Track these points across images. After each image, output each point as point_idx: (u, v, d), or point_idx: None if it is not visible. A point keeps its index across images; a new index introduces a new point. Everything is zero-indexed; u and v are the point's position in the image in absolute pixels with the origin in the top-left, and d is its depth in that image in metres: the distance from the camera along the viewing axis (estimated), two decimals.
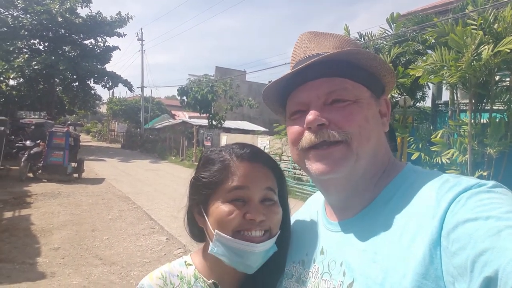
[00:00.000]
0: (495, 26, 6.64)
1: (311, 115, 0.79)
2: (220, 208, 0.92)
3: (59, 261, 5.46)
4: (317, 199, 1.04)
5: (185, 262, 1.04)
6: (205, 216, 0.96)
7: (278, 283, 0.97)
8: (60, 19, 25.37)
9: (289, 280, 0.93)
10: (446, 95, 10.58)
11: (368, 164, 0.81)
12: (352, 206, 0.84)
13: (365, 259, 0.75)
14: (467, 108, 7.77)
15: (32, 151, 12.49)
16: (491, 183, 0.68)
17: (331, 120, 0.79)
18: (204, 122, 23.54)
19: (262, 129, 24.90)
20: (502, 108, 7.50)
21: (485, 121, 7.80)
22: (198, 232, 1.04)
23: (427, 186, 0.74)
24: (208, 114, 22.57)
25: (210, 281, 0.98)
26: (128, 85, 30.26)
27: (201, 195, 0.97)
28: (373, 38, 10.61)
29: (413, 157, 9.03)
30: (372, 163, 0.82)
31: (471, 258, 0.57)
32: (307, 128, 0.81)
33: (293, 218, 1.08)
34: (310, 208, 1.06)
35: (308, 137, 0.81)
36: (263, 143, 16.52)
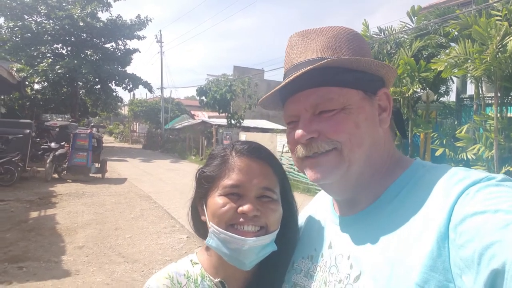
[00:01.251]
0: None
1: (299, 131, 0.80)
2: (215, 200, 0.93)
3: (83, 259, 5.58)
4: (325, 194, 1.04)
5: (191, 260, 1.03)
6: (205, 210, 0.97)
7: (286, 278, 0.96)
8: (81, 24, 25.99)
9: (298, 275, 0.93)
10: (471, 89, 10.30)
11: (362, 168, 0.81)
12: (359, 202, 0.84)
13: (372, 252, 0.75)
14: (493, 102, 7.53)
15: (57, 153, 12.84)
16: (500, 176, 0.68)
17: (320, 131, 0.79)
18: (223, 121, 23.67)
19: (281, 127, 24.83)
20: None
21: (511, 115, 7.54)
22: (201, 228, 1.04)
23: (436, 180, 0.74)
24: (227, 114, 22.68)
25: (217, 280, 0.97)
26: (148, 86, 30.73)
27: (202, 188, 0.98)
28: (394, 32, 10.42)
29: (437, 153, 8.83)
30: (367, 164, 0.82)
31: (478, 250, 0.57)
32: (298, 142, 0.83)
33: (301, 214, 1.08)
34: (318, 204, 1.07)
35: (300, 151, 0.83)
36: (281, 141, 16.46)
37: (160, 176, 15.21)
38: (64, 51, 28.72)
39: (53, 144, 14.09)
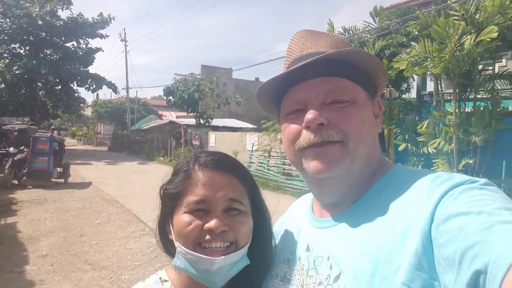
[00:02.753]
0: (477, 16, 6.73)
1: (310, 114, 0.78)
2: (181, 218, 0.88)
3: (47, 268, 5.36)
4: (303, 200, 1.05)
5: (160, 278, 0.98)
6: (172, 229, 0.92)
7: (263, 285, 0.95)
8: (40, 22, 24.94)
9: (274, 280, 0.91)
10: (430, 86, 10.71)
11: (363, 166, 0.82)
12: (342, 204, 0.84)
13: (353, 251, 0.74)
14: (451, 98, 7.86)
15: (16, 158, 12.25)
16: (483, 180, 0.69)
17: (329, 120, 0.79)
18: (192, 121, 23.41)
19: (250, 126, 24.88)
20: (486, 96, 7.62)
21: (469, 110, 7.91)
22: (170, 247, 0.99)
23: (419, 181, 0.75)
24: (195, 113, 22.45)
25: None
26: (112, 86, 29.91)
27: (166, 207, 0.93)
28: (357, 32, 10.66)
29: (400, 148, 9.12)
30: (366, 165, 0.83)
31: (460, 250, 0.57)
32: (306, 127, 0.80)
33: (279, 222, 1.07)
34: (295, 209, 1.06)
35: (307, 137, 0.80)
36: (251, 140, 16.50)
37: (127, 179, 14.85)
38: (22, 51, 27.44)
39: (11, 149, 13.41)
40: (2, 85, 26.20)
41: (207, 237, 0.85)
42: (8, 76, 24.19)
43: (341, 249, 0.77)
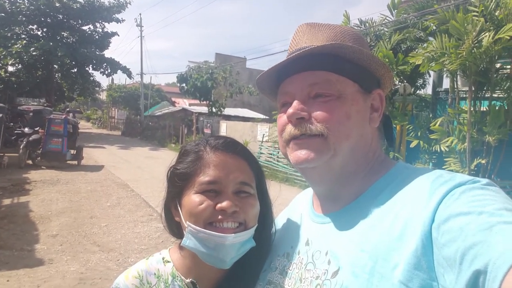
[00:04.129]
0: (496, 13, 6.56)
1: (291, 109, 0.81)
2: (192, 198, 0.90)
3: (57, 248, 5.50)
4: (305, 195, 1.05)
5: (163, 258, 1.01)
6: (179, 209, 0.94)
7: (261, 277, 0.95)
8: (57, 5, 25.13)
9: (273, 273, 0.92)
10: (446, 83, 10.52)
11: (346, 160, 0.81)
12: (340, 199, 0.84)
13: (352, 248, 0.74)
14: (467, 95, 7.71)
15: (30, 138, 12.49)
16: (485, 180, 0.69)
17: (311, 114, 0.80)
18: (204, 109, 23.49)
19: (262, 116, 24.84)
20: (502, 96, 7.46)
21: (484, 109, 7.76)
22: (175, 227, 1.01)
23: (420, 180, 0.74)
24: (208, 102, 22.50)
25: (188, 280, 0.94)
26: (127, 71, 30.10)
27: (176, 187, 0.95)
28: (374, 24, 10.49)
29: (412, 145, 9.02)
30: (351, 158, 0.82)
31: (461, 250, 0.57)
32: (288, 121, 0.83)
33: (281, 215, 1.08)
34: (297, 204, 1.06)
35: (289, 129, 0.83)
36: (262, 130, 16.49)
37: (139, 164, 15.04)
38: (39, 33, 27.78)
39: (27, 129, 13.67)
40: (19, 66, 26.59)
41: (219, 217, 0.87)
42: (25, 57, 24.51)
43: (340, 245, 0.78)
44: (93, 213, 7.46)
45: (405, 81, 9.70)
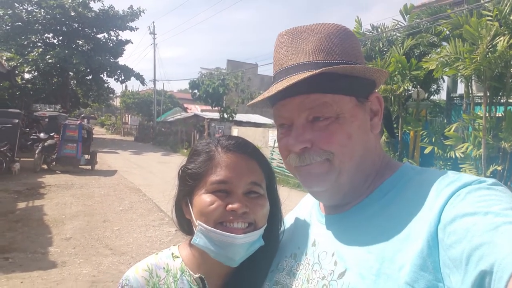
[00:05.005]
0: (511, 17, 6.46)
1: (292, 141, 0.79)
2: (202, 198, 0.91)
3: (70, 250, 5.55)
4: (312, 196, 1.04)
5: (172, 254, 1.02)
6: (190, 208, 0.95)
7: (269, 277, 0.95)
8: (73, 13, 25.66)
9: (280, 274, 0.92)
10: (461, 88, 10.39)
11: (352, 176, 0.80)
12: (346, 204, 0.84)
13: (359, 249, 0.74)
14: (482, 101, 7.60)
15: (46, 143, 12.72)
16: (491, 180, 0.68)
17: (313, 141, 0.78)
18: (216, 115, 23.61)
19: (273, 122, 24.81)
20: None
21: (500, 115, 7.63)
22: (186, 225, 1.03)
23: (426, 181, 0.74)
24: (219, 107, 22.62)
25: (197, 276, 0.95)
26: (140, 78, 30.49)
27: (187, 186, 0.96)
28: (386, 29, 10.45)
29: (426, 151, 8.90)
30: (358, 172, 0.81)
31: (467, 251, 0.57)
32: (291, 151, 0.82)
33: (289, 216, 1.08)
34: (304, 204, 1.06)
35: (293, 159, 0.82)
36: (274, 136, 16.47)
37: (151, 169, 15.15)
38: (55, 41, 28.37)
39: (42, 135, 13.93)
40: (36, 73, 27.14)
41: (230, 217, 0.88)
42: (41, 64, 25.04)
43: (346, 246, 0.78)
44: (106, 217, 7.53)
45: (418, 87, 9.61)
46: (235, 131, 20.94)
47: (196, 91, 23.33)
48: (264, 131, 18.09)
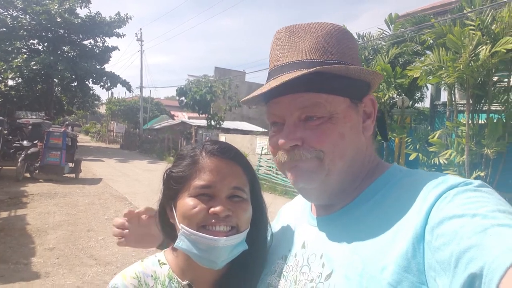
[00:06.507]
0: (493, 26, 6.64)
1: (282, 139, 0.79)
2: (186, 201, 0.91)
3: (53, 261, 5.43)
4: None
5: (158, 261, 1.01)
6: (174, 212, 0.95)
7: (262, 280, 0.96)
8: (59, 20, 25.37)
9: (272, 276, 0.92)
10: (444, 96, 10.58)
11: (342, 176, 0.80)
12: (335, 204, 0.85)
13: (345, 250, 0.74)
14: (465, 108, 7.75)
15: (29, 151, 12.45)
16: (477, 182, 0.68)
17: (304, 139, 0.78)
18: (203, 122, 23.54)
19: (261, 129, 24.88)
20: (500, 108, 7.50)
21: (482, 122, 7.79)
22: (170, 230, 1.02)
23: (413, 183, 0.74)
24: (207, 115, 22.57)
25: (185, 282, 0.95)
26: (126, 85, 30.24)
27: (171, 189, 0.96)
28: (372, 38, 10.61)
29: (411, 158, 9.02)
30: (347, 173, 0.81)
31: (455, 254, 0.56)
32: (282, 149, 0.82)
33: (279, 217, 1.08)
34: (295, 205, 1.07)
35: (281, 157, 0.82)
36: (261, 143, 16.50)
37: (137, 177, 14.98)
38: (40, 47, 27.97)
39: (25, 142, 13.65)
40: (20, 80, 26.69)
41: (212, 220, 0.89)
42: (25, 71, 24.62)
43: (334, 248, 0.78)
44: (90, 226, 7.39)
45: (403, 94, 9.76)
46: (223, 138, 20.87)
47: (183, 98, 23.24)
48: (251, 138, 18.10)
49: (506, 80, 7.91)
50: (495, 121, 7.25)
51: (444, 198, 0.65)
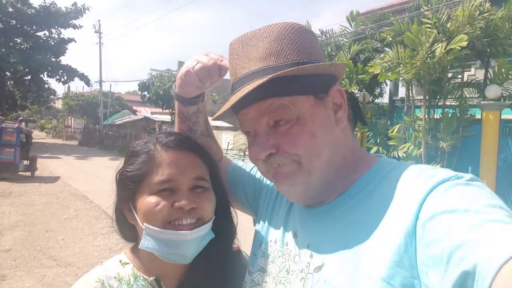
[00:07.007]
0: (448, 25, 6.93)
1: (256, 149, 0.79)
2: (147, 200, 0.88)
3: (10, 263, 5.17)
4: None
5: (120, 261, 0.98)
6: (134, 212, 0.91)
7: (253, 261, 0.95)
8: (11, 10, 24.02)
9: (266, 260, 0.92)
10: (402, 92, 10.98)
11: (323, 175, 0.80)
12: (320, 202, 0.84)
13: (336, 243, 0.74)
14: (421, 104, 8.08)
15: None
16: (468, 176, 0.68)
17: (278, 145, 0.78)
18: (167, 118, 23.11)
19: (227, 124, 24.71)
20: (454, 104, 7.87)
21: (438, 116, 8.14)
22: (128, 231, 1.00)
23: (403, 176, 0.73)
24: (171, 110, 22.17)
25: (152, 278, 0.93)
26: (85, 79, 29.13)
27: (128, 189, 0.92)
28: (334, 35, 10.80)
29: (372, 151, 9.28)
30: (329, 170, 0.80)
31: (448, 249, 0.56)
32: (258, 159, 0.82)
33: (270, 188, 1.05)
34: None
35: (261, 166, 0.84)
36: (227, 138, 16.46)
37: (98, 174, 14.49)
38: None
39: None
40: None
41: (177, 215, 0.87)
42: None
43: (324, 240, 0.78)
44: (49, 226, 7.09)
45: (364, 90, 10.03)
46: None
47: (145, 93, 22.71)
48: (217, 134, 17.84)
49: (460, 76, 8.31)
50: (449, 115, 7.60)
51: (436, 192, 0.65)
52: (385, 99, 12.53)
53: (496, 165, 7.47)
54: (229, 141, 16.01)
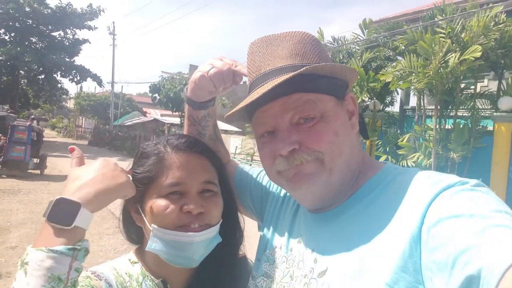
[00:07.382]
0: (462, 35, 6.87)
1: (279, 143, 0.78)
2: (156, 203, 0.87)
3: (16, 260, 5.19)
4: None
5: (129, 260, 0.98)
6: (142, 214, 0.91)
7: (257, 266, 0.95)
8: (27, 9, 24.45)
9: (270, 266, 0.92)
10: (413, 101, 10.88)
11: (342, 176, 0.80)
12: (329, 206, 0.84)
13: (340, 248, 0.74)
14: (433, 113, 8.00)
15: None
16: (474, 181, 0.68)
17: (301, 142, 0.78)
18: (177, 120, 23.22)
19: (235, 129, 24.78)
20: (466, 114, 7.78)
21: (449, 127, 8.06)
22: (135, 233, 0.99)
23: (409, 182, 0.74)
24: (180, 112, 22.28)
25: (159, 280, 0.93)
26: (97, 79, 29.47)
27: (136, 191, 0.90)
28: (346, 42, 10.78)
29: (381, 160, 9.22)
30: (347, 172, 0.81)
31: (453, 254, 0.56)
32: (279, 155, 0.80)
33: (276, 195, 1.05)
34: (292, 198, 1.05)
35: (282, 164, 0.80)
36: (235, 142, 16.47)
37: None
38: (6, 37, 26.84)
39: None
40: None
41: (186, 220, 0.86)
42: None
43: (328, 245, 0.78)
44: None
45: (374, 98, 9.97)
46: None
47: (156, 95, 22.86)
48: (225, 138, 18.02)
49: (472, 87, 8.22)
50: (461, 126, 7.52)
51: (441, 198, 0.65)
52: (395, 108, 12.44)
53: (507, 176, 7.36)
54: (237, 145, 16.02)
